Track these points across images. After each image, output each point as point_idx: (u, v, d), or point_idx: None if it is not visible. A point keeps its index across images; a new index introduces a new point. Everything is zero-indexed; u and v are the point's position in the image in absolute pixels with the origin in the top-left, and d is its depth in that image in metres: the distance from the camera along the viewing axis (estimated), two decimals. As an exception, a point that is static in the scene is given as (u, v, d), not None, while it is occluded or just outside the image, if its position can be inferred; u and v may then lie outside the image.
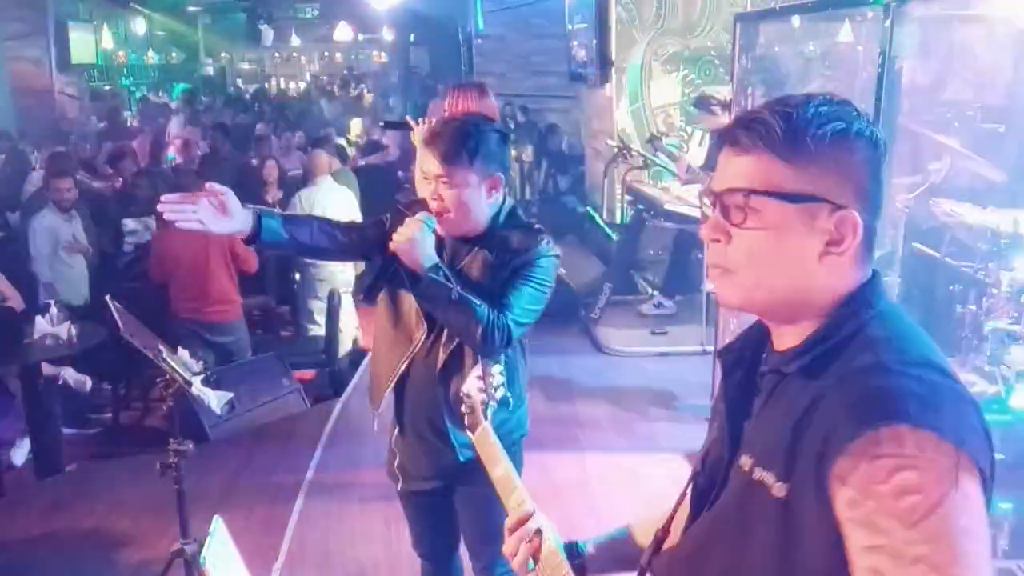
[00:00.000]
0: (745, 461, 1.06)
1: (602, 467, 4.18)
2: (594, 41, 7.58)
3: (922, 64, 3.75)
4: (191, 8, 19.58)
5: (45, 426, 4.47)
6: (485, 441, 1.66)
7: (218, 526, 2.25)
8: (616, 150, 6.60)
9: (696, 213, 5.50)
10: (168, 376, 2.69)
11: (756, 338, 1.17)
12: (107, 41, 14.72)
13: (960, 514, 0.91)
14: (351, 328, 5.99)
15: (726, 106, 4.64)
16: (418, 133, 3.72)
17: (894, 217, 3.28)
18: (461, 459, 2.28)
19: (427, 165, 2.21)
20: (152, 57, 18.67)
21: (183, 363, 2.79)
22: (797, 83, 4.97)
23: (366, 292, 2.43)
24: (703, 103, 5.26)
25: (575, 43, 8.42)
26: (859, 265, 1.06)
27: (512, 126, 9.33)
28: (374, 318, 2.42)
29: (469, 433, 1.71)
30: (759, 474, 1.03)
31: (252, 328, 5.60)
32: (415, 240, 2.13)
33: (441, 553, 2.57)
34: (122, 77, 15.92)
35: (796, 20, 4.28)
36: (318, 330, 5.90)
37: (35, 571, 3.65)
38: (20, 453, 4.53)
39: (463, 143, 2.17)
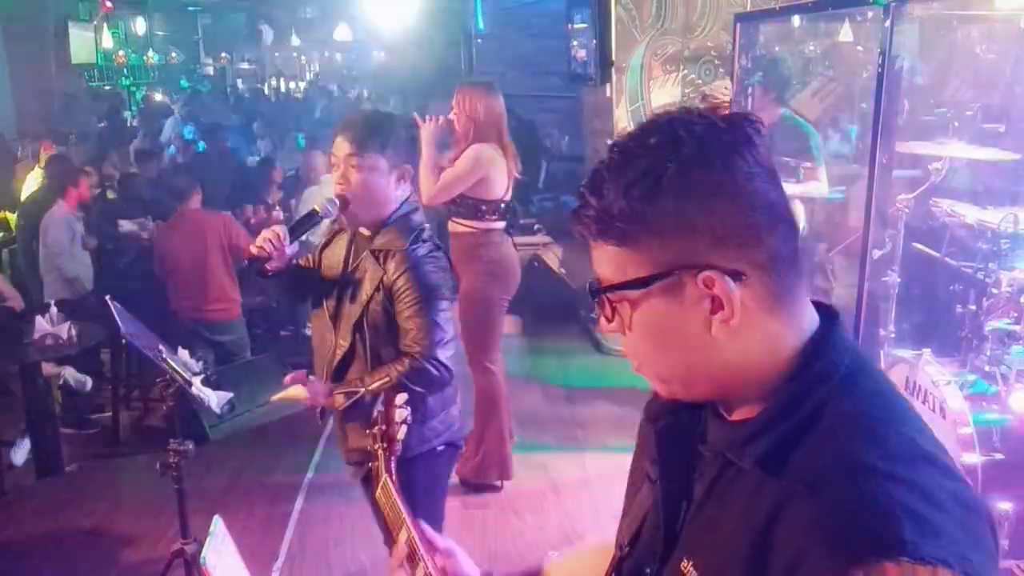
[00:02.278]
0: (687, 568, 0.88)
1: (602, 467, 4.17)
2: (594, 41, 7.58)
3: (922, 64, 3.75)
4: (191, 8, 19.57)
5: (45, 426, 4.47)
6: (387, 499, 1.41)
7: (218, 526, 2.24)
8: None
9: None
10: (168, 376, 2.69)
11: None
12: (107, 41, 14.70)
13: None
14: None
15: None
16: (424, 130, 3.72)
17: (894, 217, 3.27)
18: None
19: (338, 148, 2.24)
20: (152, 57, 18.64)
21: (183, 363, 2.79)
22: (797, 83, 4.98)
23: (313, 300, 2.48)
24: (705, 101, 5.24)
25: (575, 43, 8.41)
26: (780, 314, 0.86)
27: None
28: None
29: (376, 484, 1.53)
30: None
31: (252, 328, 5.60)
32: (306, 400, 2.23)
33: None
34: (122, 77, 15.91)
35: (796, 20, 4.28)
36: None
37: (35, 571, 3.65)
38: (20, 453, 4.53)
39: (376, 128, 2.21)
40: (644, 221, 0.84)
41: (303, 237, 2.35)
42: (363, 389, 2.14)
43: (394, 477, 1.47)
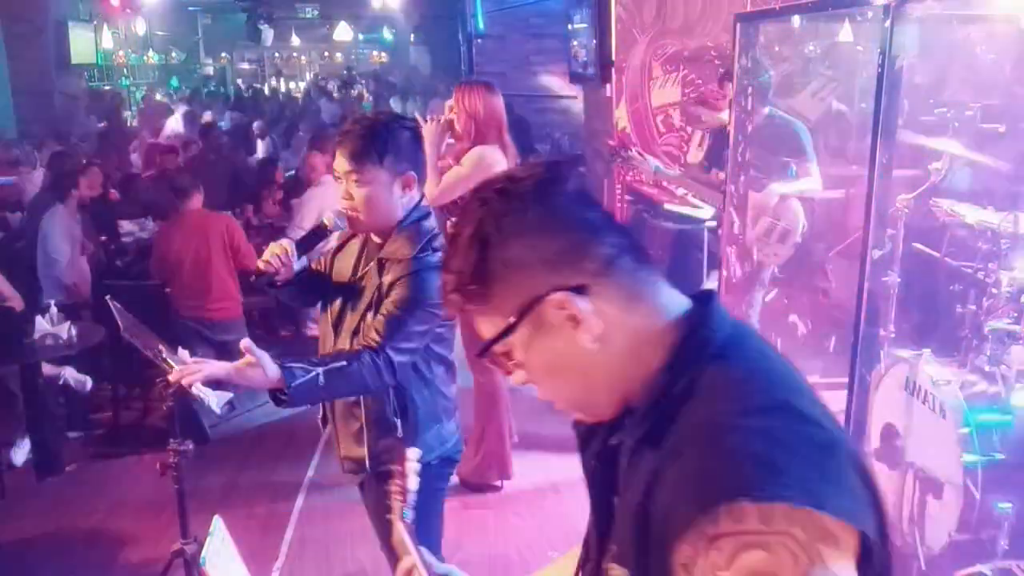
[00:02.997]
0: (613, 554, 0.95)
1: (602, 467, 4.17)
2: (594, 41, 7.59)
3: (922, 64, 3.75)
4: (191, 8, 19.57)
5: (45, 426, 4.47)
6: (400, 543, 1.46)
7: (218, 526, 2.24)
8: (612, 150, 6.60)
9: (696, 213, 5.50)
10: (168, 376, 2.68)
11: None
12: (107, 41, 14.70)
13: None
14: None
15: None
16: (426, 131, 3.71)
17: (894, 217, 3.27)
18: (368, 468, 2.29)
19: (337, 163, 2.20)
20: (152, 57, 18.64)
21: (183, 363, 2.78)
22: (797, 83, 4.98)
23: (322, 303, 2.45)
24: (705, 97, 5.24)
25: (575, 43, 8.42)
26: (639, 307, 0.94)
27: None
28: None
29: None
30: (616, 571, 0.92)
31: (252, 328, 5.60)
32: (242, 372, 2.02)
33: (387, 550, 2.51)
34: (122, 77, 15.92)
35: (796, 20, 4.28)
36: (318, 330, 5.89)
37: (35, 571, 3.65)
38: (20, 453, 4.53)
39: (372, 140, 2.15)
40: (486, 277, 0.94)
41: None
42: (315, 371, 2.04)
43: (408, 525, 1.50)
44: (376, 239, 2.27)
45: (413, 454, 1.58)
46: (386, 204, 2.18)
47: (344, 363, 2.08)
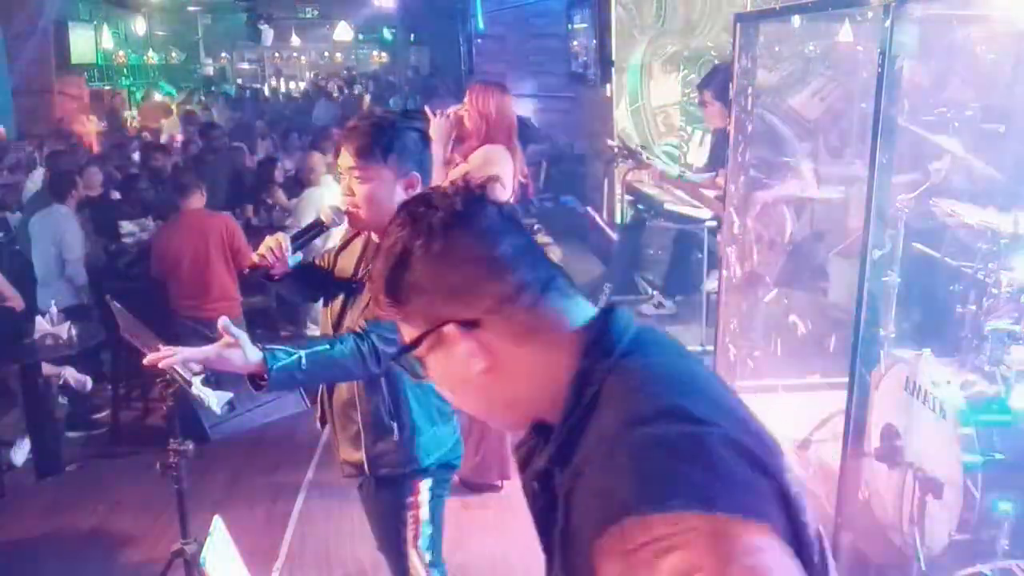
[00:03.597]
0: (556, 570, 0.96)
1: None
2: (594, 41, 7.59)
3: (922, 64, 3.75)
4: (191, 8, 19.57)
5: (45, 426, 4.47)
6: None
7: (218, 526, 2.24)
8: (615, 150, 6.60)
9: (696, 213, 5.50)
10: (168, 376, 2.68)
11: (548, 426, 1.04)
12: (107, 41, 14.71)
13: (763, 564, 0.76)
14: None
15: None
16: (434, 126, 3.70)
17: (894, 217, 3.27)
18: (367, 472, 2.28)
19: (341, 159, 2.18)
20: (152, 57, 18.64)
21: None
22: (797, 83, 4.98)
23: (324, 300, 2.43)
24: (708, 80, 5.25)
25: (575, 43, 8.42)
26: (535, 340, 0.99)
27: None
28: None
29: None
30: None
31: (252, 327, 5.60)
32: (221, 355, 1.97)
33: (385, 551, 2.46)
34: (122, 77, 15.91)
35: (796, 20, 4.28)
36: (317, 330, 5.89)
37: (35, 571, 3.65)
38: (20, 453, 4.53)
39: (378, 137, 2.13)
40: (397, 294, 1.01)
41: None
42: (298, 353, 2.02)
43: (423, 554, 1.52)
44: (376, 238, 2.27)
45: (425, 485, 1.59)
46: (387, 203, 2.15)
47: (327, 346, 2.06)
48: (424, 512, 1.66)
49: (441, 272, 0.99)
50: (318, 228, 2.30)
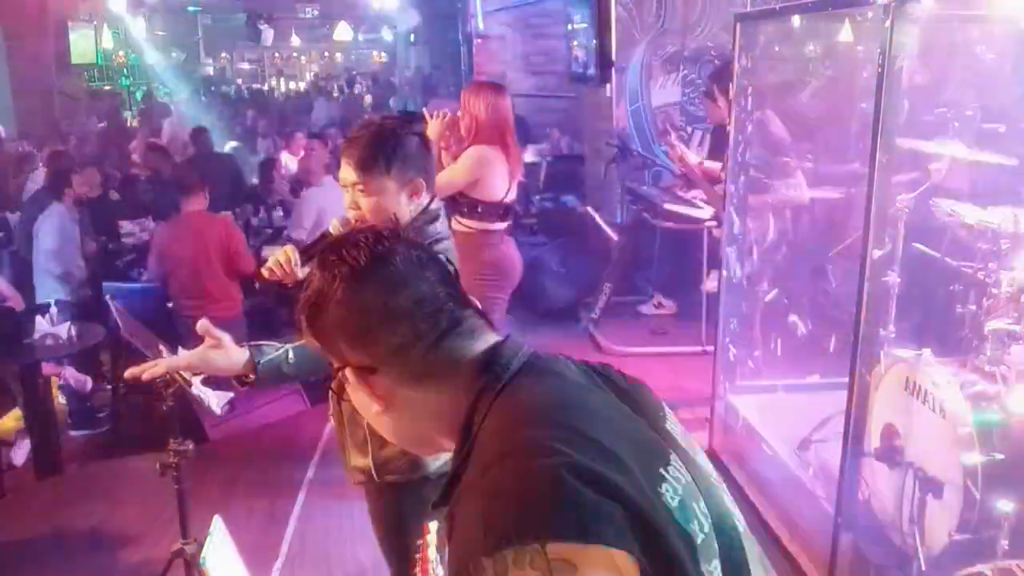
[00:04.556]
0: None
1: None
2: (594, 41, 7.58)
3: (922, 64, 3.74)
4: (191, 8, 19.56)
5: (45, 426, 4.47)
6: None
7: (218, 526, 2.24)
8: (616, 150, 6.61)
9: (696, 213, 5.50)
10: (168, 376, 2.68)
11: None
12: (107, 41, 14.69)
13: None
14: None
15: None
16: (432, 127, 3.72)
17: (894, 217, 3.27)
18: (375, 478, 2.26)
19: (343, 173, 2.15)
20: (152, 57, 18.62)
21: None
22: (797, 83, 4.98)
23: None
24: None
25: (575, 43, 8.41)
26: (430, 384, 1.05)
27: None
28: None
29: None
30: None
31: (252, 327, 5.59)
32: (204, 357, 1.96)
33: (387, 554, 2.45)
34: (122, 77, 15.90)
35: (796, 20, 4.27)
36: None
37: (35, 571, 3.65)
38: (20, 453, 4.53)
39: (379, 149, 2.09)
40: (315, 331, 1.09)
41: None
42: (284, 348, 2.02)
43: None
44: None
45: (433, 527, 1.60)
46: (395, 212, 2.14)
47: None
48: (431, 552, 1.66)
49: (344, 319, 1.06)
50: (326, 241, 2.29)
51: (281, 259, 2.19)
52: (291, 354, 2.02)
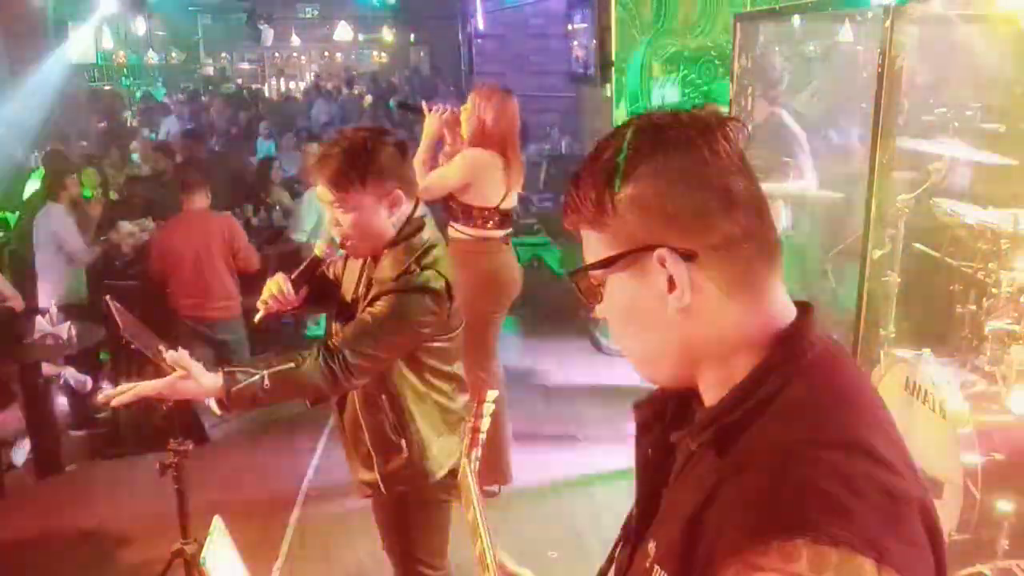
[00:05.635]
0: (651, 548, 0.92)
1: (602, 467, 4.18)
2: (594, 41, 7.58)
3: (922, 64, 3.75)
4: (191, 8, 19.56)
5: (45, 426, 4.47)
6: (464, 480, 1.56)
7: (218, 526, 2.24)
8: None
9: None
10: (168, 376, 2.68)
11: (680, 390, 0.99)
12: (107, 41, 14.69)
13: None
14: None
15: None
16: (429, 120, 3.67)
17: (894, 217, 3.27)
18: (383, 491, 2.27)
19: (319, 191, 2.14)
20: (152, 57, 18.62)
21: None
22: (797, 83, 4.97)
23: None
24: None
25: (575, 43, 8.42)
26: (739, 298, 0.89)
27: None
28: None
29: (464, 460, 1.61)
30: (657, 573, 0.89)
31: (252, 327, 5.60)
32: (174, 386, 1.95)
33: (392, 557, 2.47)
34: (122, 77, 15.90)
35: (796, 20, 4.28)
36: (317, 330, 5.91)
37: (35, 571, 3.65)
38: (20, 453, 4.53)
39: (351, 165, 2.06)
40: (608, 204, 0.90)
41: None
42: (259, 374, 1.98)
43: (473, 468, 1.55)
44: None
45: (491, 395, 1.62)
46: (377, 227, 2.12)
47: (292, 365, 2.01)
48: (484, 423, 1.68)
49: (672, 192, 0.87)
50: (315, 264, 2.28)
51: (273, 290, 2.19)
52: (267, 380, 1.98)
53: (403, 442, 2.21)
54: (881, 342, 3.26)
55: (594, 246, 0.94)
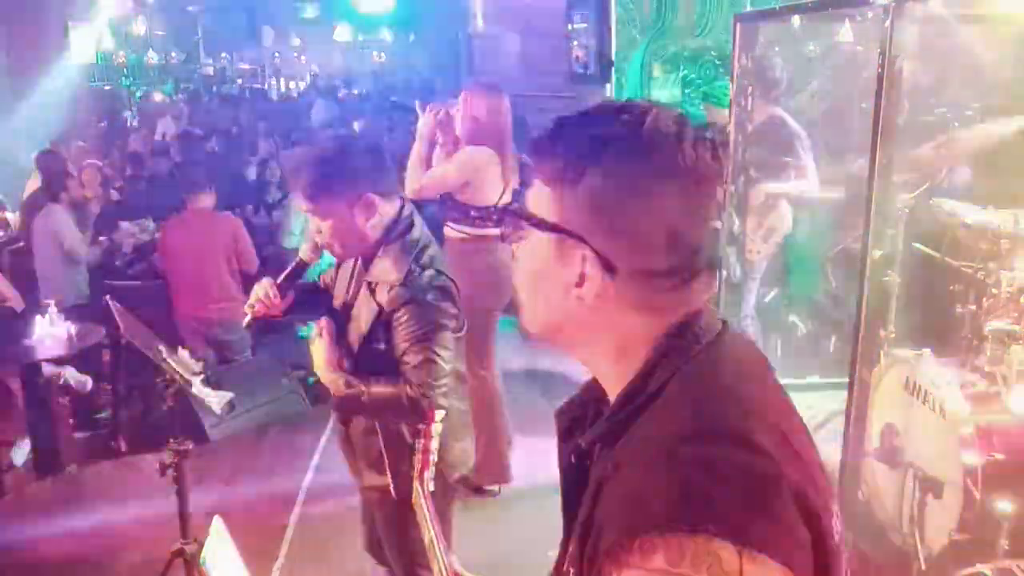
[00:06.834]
0: (571, 551, 0.93)
1: (602, 467, 4.17)
2: (594, 41, 7.58)
3: (922, 64, 3.75)
4: (191, 8, 19.56)
5: (45, 426, 4.47)
6: (417, 502, 1.64)
7: (218, 526, 2.24)
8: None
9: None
10: (168, 376, 2.69)
11: (597, 394, 1.01)
12: (107, 41, 14.69)
13: None
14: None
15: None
16: (423, 121, 3.68)
17: (894, 217, 3.27)
18: (394, 496, 2.27)
19: (296, 201, 2.20)
20: (152, 57, 18.63)
21: (183, 363, 2.79)
22: (797, 83, 4.98)
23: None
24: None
25: (575, 43, 8.42)
26: (643, 314, 0.91)
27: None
28: None
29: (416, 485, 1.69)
30: (571, 573, 0.91)
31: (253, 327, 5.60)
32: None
33: (394, 559, 2.49)
34: (122, 77, 15.91)
35: (796, 20, 4.28)
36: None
37: (35, 571, 3.65)
38: (20, 453, 4.53)
39: (323, 174, 2.09)
40: (573, 178, 0.90)
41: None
42: (364, 389, 2.08)
43: (424, 490, 1.63)
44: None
45: (439, 415, 1.65)
46: (355, 233, 2.14)
47: (390, 389, 2.11)
48: (433, 443, 1.73)
49: (631, 211, 0.89)
50: (300, 267, 2.30)
51: (260, 294, 2.22)
52: (366, 397, 2.11)
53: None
54: (881, 342, 3.25)
55: (539, 196, 0.95)
